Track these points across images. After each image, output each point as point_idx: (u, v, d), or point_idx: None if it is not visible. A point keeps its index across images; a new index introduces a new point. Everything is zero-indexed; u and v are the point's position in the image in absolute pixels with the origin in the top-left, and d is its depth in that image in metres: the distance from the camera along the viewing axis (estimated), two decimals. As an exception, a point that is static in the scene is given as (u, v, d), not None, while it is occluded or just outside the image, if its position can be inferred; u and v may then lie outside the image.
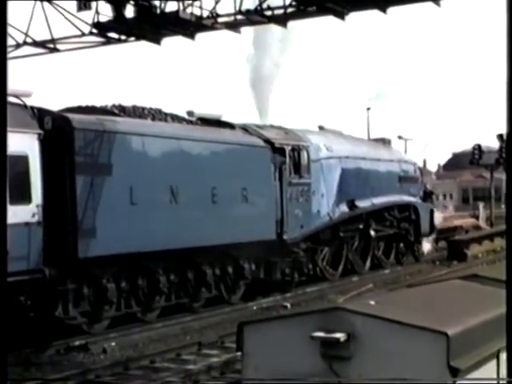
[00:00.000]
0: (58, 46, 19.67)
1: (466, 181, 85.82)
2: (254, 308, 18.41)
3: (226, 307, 18.38)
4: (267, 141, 19.80)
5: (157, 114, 18.20)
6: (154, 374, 13.08)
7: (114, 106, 17.67)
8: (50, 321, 14.70)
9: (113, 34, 20.30)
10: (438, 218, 30.57)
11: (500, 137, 49.82)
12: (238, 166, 18.43)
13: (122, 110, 17.41)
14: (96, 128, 15.16)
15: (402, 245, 27.24)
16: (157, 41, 19.99)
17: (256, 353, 4.98)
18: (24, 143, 14.03)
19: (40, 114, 14.60)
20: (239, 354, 5.12)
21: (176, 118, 18.74)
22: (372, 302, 5.11)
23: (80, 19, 19.74)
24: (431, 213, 28.98)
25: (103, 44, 20.60)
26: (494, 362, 5.45)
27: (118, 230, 15.09)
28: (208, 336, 15.45)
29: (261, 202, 19.12)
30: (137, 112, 17.74)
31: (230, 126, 19.93)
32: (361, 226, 24.23)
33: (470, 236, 32.48)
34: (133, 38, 20.28)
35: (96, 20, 19.62)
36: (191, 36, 19.59)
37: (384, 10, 18.04)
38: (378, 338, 4.72)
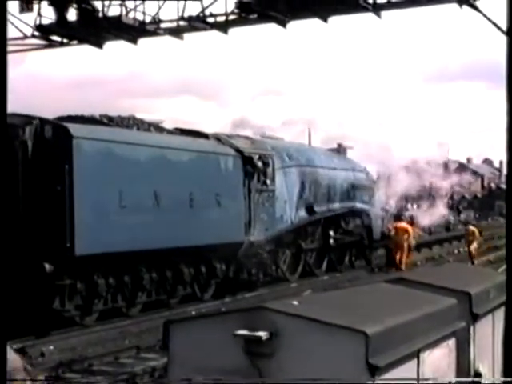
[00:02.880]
0: (0, 48, 19.53)
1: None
2: (193, 313, 18.49)
3: (165, 311, 18.47)
4: (237, 150, 21.01)
5: (140, 124, 19.30)
6: (92, 376, 13.15)
7: (101, 115, 18.54)
8: (47, 313, 15.89)
9: (55, 37, 20.31)
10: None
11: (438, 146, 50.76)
12: (213, 173, 19.80)
13: (110, 120, 18.46)
14: (92, 137, 16.42)
15: (354, 250, 28.28)
16: (99, 45, 20.05)
17: (182, 350, 5.08)
18: None
19: (41, 123, 15.91)
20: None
21: (157, 128, 19.95)
22: (295, 302, 5.26)
23: (22, 21, 19.72)
24: (382, 219, 29.97)
25: (45, 47, 20.61)
26: (414, 361, 5.63)
27: (109, 230, 16.37)
28: (146, 340, 15.51)
29: (232, 207, 20.43)
30: (123, 122, 18.80)
31: (204, 135, 21.04)
32: (319, 231, 25.47)
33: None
34: (75, 42, 20.32)
35: (38, 22, 19.61)
36: (134, 41, 19.70)
37: (325, 20, 18.36)
38: (299, 336, 4.84)
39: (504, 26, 5.34)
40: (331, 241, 26.05)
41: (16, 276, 15.25)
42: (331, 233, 26.14)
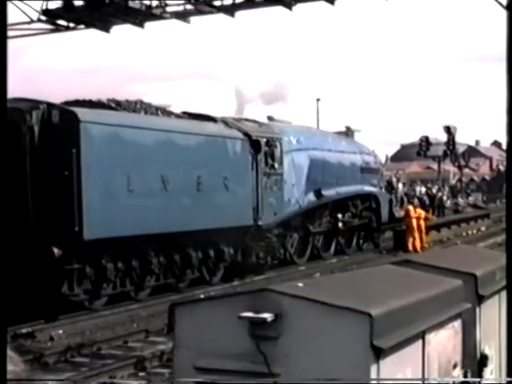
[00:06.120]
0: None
1: (414, 172, 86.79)
2: (202, 296, 18.56)
3: (173, 295, 18.54)
4: (245, 133, 21.00)
5: (148, 108, 19.33)
6: (101, 360, 13.25)
7: (109, 100, 18.54)
8: (56, 297, 15.96)
9: (62, 22, 20.29)
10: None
11: (447, 129, 50.54)
12: (220, 156, 19.79)
13: (117, 104, 18.45)
14: (99, 121, 16.44)
15: (362, 233, 28.36)
16: (106, 29, 20.04)
17: (187, 333, 5.09)
18: None
19: (48, 108, 15.87)
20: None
21: (165, 112, 19.94)
22: (300, 284, 5.27)
23: (29, 5, 19.71)
24: (390, 202, 30.07)
25: (52, 31, 20.60)
26: (419, 343, 5.63)
27: (117, 214, 16.39)
28: (155, 324, 15.59)
29: (240, 191, 20.46)
30: (131, 106, 18.80)
31: (212, 119, 21.01)
32: (327, 214, 25.55)
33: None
34: (82, 26, 20.29)
35: (45, 7, 19.59)
36: (140, 25, 19.70)
37: (332, 2, 18.29)
38: (304, 318, 4.84)
39: (504, 1, 5.33)
40: (340, 224, 26.07)
41: (25, 260, 15.34)
42: (339, 216, 26.17)
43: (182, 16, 19.66)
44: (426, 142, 50.14)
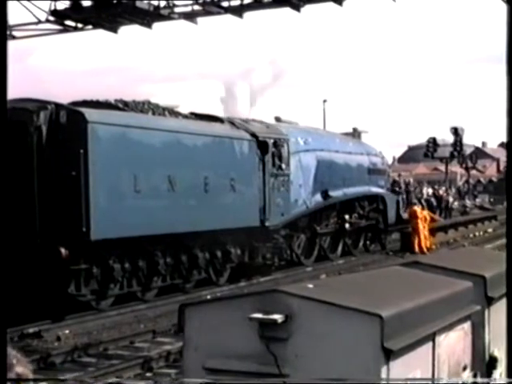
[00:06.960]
0: (14, 33, 19.58)
1: (421, 173, 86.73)
2: (209, 297, 18.55)
3: (180, 296, 18.53)
4: (252, 134, 20.96)
5: (155, 109, 19.31)
6: (107, 361, 13.25)
7: (116, 100, 18.57)
8: (63, 297, 15.96)
9: (69, 22, 20.29)
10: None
11: (454, 130, 50.48)
12: (228, 157, 19.77)
13: (125, 105, 18.46)
14: (107, 121, 16.42)
15: (369, 234, 28.34)
16: (114, 29, 20.02)
17: (197, 334, 5.08)
18: None
19: (56, 108, 15.84)
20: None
21: (172, 113, 19.94)
22: (310, 285, 5.25)
23: (37, 6, 19.71)
24: (397, 203, 30.06)
25: (60, 32, 20.60)
26: (429, 345, 5.61)
27: (125, 214, 16.38)
28: (162, 324, 15.59)
29: (247, 192, 20.43)
30: (138, 107, 18.82)
31: (219, 120, 21.01)
32: (334, 215, 25.55)
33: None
34: (90, 27, 20.29)
35: (53, 7, 19.60)
36: (148, 25, 19.68)
37: (340, 3, 18.26)
38: (314, 319, 4.82)
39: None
40: (347, 225, 26.04)
41: (32, 261, 15.35)
42: (347, 217, 26.13)
43: (190, 17, 19.65)
44: (433, 144, 50.07)
